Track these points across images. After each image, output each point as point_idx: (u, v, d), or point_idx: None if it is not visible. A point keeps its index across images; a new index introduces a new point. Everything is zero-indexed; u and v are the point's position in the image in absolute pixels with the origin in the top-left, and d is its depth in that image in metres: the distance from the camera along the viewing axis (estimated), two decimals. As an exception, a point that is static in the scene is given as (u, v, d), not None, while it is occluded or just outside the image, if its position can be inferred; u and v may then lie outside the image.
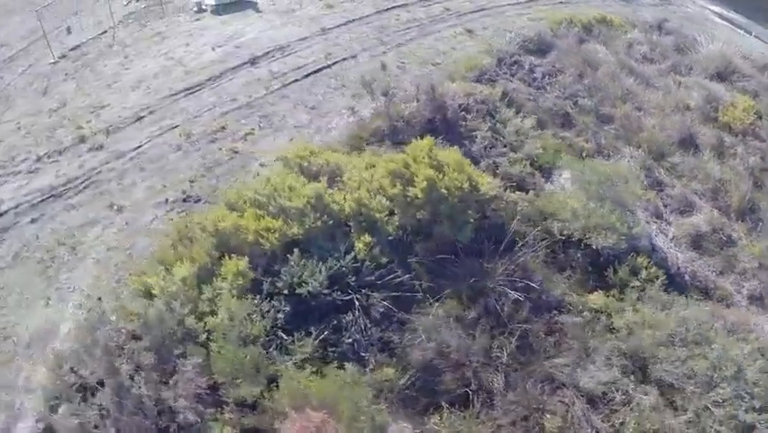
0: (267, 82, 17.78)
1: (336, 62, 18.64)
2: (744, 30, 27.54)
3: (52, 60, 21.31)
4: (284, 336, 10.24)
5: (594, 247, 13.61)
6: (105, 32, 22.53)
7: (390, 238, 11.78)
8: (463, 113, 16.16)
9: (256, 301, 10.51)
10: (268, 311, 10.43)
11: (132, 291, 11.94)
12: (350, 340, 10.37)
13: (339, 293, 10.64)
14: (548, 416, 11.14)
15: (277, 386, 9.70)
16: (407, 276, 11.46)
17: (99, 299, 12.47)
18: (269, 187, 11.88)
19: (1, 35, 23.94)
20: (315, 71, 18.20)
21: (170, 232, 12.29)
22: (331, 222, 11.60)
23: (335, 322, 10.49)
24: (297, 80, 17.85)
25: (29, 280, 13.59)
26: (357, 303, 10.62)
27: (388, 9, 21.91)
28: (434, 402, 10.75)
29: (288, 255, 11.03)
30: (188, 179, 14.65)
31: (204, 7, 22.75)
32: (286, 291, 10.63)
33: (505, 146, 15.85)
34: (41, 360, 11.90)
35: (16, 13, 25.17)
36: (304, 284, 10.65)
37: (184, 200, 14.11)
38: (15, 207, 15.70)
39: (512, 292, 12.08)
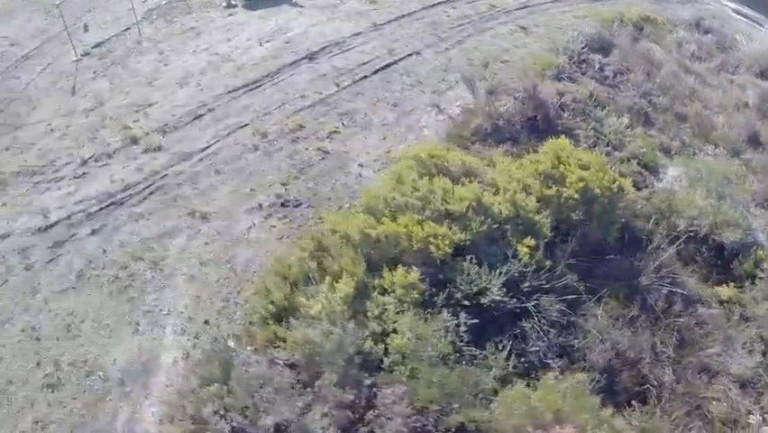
0: (334, 78, 16.37)
1: (401, 59, 17.39)
2: (759, 25, 27.68)
3: (75, 58, 19.30)
4: (474, 350, 9.31)
5: (720, 242, 13.45)
6: (129, 28, 20.63)
7: (546, 240, 11.02)
8: (559, 111, 15.25)
9: (445, 316, 9.41)
10: (450, 326, 9.27)
11: (252, 311, 10.31)
12: (534, 348, 9.77)
13: (515, 300, 9.98)
14: (714, 403, 11.19)
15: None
16: (571, 278, 10.96)
17: (206, 322, 10.76)
18: (423, 189, 10.62)
19: (7, 34, 21.62)
20: (383, 68, 16.90)
21: (304, 242, 10.65)
22: (495, 226, 10.68)
23: (517, 331, 9.88)
24: (366, 77, 16.50)
25: (104, 303, 11.69)
26: (533, 309, 10.03)
27: (433, 5, 20.83)
28: (614, 402, 10.38)
29: (463, 263, 10.09)
30: (280, 182, 13.06)
31: (233, 2, 21.17)
32: (467, 302, 9.67)
33: (607, 145, 15.09)
34: (143, 399, 10.09)
35: (18, 12, 22.92)
36: (488, 292, 9.81)
37: (282, 205, 12.52)
38: (67, 217, 13.75)
39: (666, 288, 12.02)
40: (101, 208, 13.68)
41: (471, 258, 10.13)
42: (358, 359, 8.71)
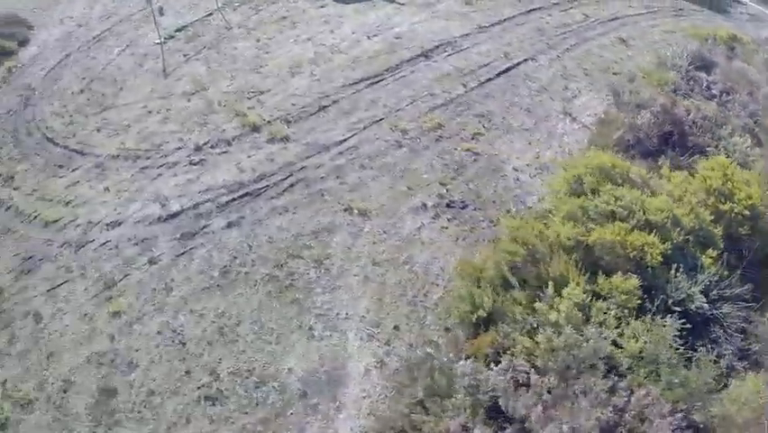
0: (459, 78, 15.76)
1: (519, 63, 16.86)
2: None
3: (158, 41, 18.27)
4: (691, 352, 9.53)
5: None
6: (210, 14, 19.76)
7: (720, 252, 11.23)
8: (692, 128, 14.99)
9: (668, 320, 9.44)
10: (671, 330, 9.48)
11: (447, 315, 9.67)
12: (725, 352, 10.03)
13: (708, 307, 10.32)
14: None
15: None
16: (747, 288, 10.97)
17: (396, 327, 9.98)
18: (625, 199, 10.53)
19: (72, 15, 20.55)
20: (504, 71, 16.35)
21: (510, 246, 9.98)
22: (689, 237, 10.86)
23: (713, 336, 10.15)
24: (490, 79, 15.93)
25: (263, 304, 10.77)
26: (721, 316, 10.33)
27: (529, 11, 20.38)
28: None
29: (669, 271, 10.14)
30: (438, 182, 12.39)
31: (324, -6, 20.39)
32: (678, 309, 9.80)
33: (736, 163, 14.81)
34: (334, 412, 9.21)
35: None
36: (694, 299, 10.01)
37: (447, 206, 11.85)
38: (193, 206, 12.83)
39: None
40: (233, 199, 12.79)
41: (678, 266, 10.19)
42: (602, 364, 8.47)
